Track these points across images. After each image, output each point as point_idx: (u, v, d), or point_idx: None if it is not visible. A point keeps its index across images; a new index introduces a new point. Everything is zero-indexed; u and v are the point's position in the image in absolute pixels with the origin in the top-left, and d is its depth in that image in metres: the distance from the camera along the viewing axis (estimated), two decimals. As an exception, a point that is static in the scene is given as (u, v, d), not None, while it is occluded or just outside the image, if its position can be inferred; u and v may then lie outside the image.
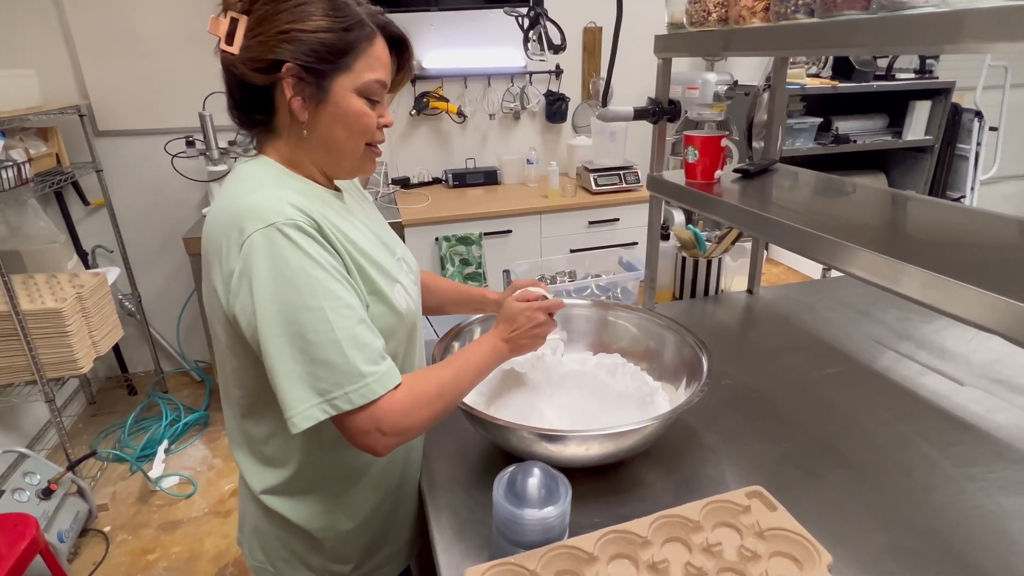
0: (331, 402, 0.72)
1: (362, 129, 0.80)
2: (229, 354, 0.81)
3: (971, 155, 3.27)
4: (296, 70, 0.74)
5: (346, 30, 0.75)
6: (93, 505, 2.12)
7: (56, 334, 2.01)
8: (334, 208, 0.83)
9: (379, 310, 0.82)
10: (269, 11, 0.74)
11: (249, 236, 0.71)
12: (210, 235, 0.76)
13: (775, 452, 1.01)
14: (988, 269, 0.76)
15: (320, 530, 0.89)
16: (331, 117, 0.78)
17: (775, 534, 0.73)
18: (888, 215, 1.08)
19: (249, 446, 0.88)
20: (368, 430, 0.74)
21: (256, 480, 0.88)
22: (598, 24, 3.07)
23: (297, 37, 0.73)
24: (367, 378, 0.73)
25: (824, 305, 1.55)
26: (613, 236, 2.84)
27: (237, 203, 0.74)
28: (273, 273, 0.70)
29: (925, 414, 1.10)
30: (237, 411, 0.86)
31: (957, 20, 0.63)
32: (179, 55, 2.63)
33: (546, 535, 0.73)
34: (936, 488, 0.91)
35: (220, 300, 0.75)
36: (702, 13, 1.06)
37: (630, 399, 1.04)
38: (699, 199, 1.21)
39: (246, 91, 0.78)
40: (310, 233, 0.73)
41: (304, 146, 0.81)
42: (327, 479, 0.89)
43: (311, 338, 0.71)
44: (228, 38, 0.75)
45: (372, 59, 0.78)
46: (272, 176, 0.80)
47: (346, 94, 0.77)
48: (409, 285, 0.90)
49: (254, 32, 0.74)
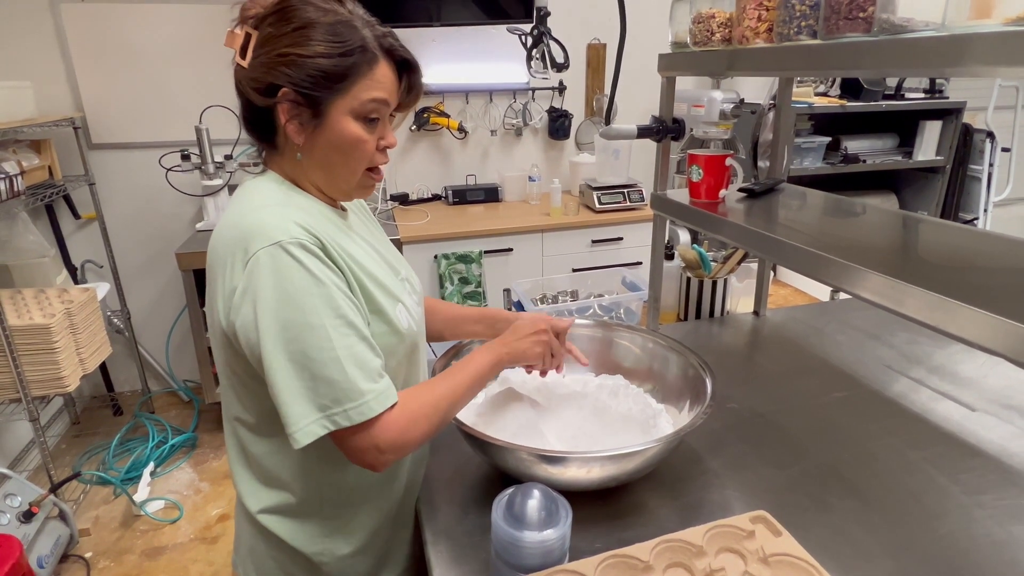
0: (331, 418, 0.72)
1: (359, 156, 0.81)
2: (229, 371, 0.82)
3: (983, 176, 3.25)
4: (292, 95, 0.75)
5: (344, 55, 0.75)
6: (75, 529, 2.08)
7: (43, 351, 1.97)
8: (338, 226, 0.84)
9: (380, 329, 0.82)
10: (273, 33, 0.75)
11: (254, 254, 0.72)
12: (215, 251, 0.77)
13: (781, 478, 0.99)
14: (996, 292, 0.75)
15: (317, 554, 0.88)
16: (327, 142, 0.79)
17: (780, 560, 0.71)
18: (897, 237, 1.07)
19: (247, 464, 0.87)
20: (365, 448, 0.75)
21: (253, 500, 0.87)
22: (602, 41, 3.09)
23: (294, 62, 0.74)
24: (366, 396, 0.73)
25: (832, 328, 1.53)
26: (617, 256, 2.83)
27: (243, 221, 0.75)
28: (277, 291, 0.71)
29: (935, 440, 1.08)
30: (237, 428, 0.86)
31: (957, 45, 0.63)
32: (175, 69, 2.66)
33: (546, 559, 0.71)
34: (946, 516, 0.89)
35: (220, 315, 0.76)
36: (706, 33, 1.07)
37: (632, 421, 1.02)
38: (703, 218, 1.20)
39: (250, 109, 0.80)
40: (314, 252, 0.74)
41: (302, 167, 0.82)
42: (325, 501, 0.88)
43: (313, 355, 0.71)
44: (242, 51, 0.76)
45: (372, 82, 0.78)
46: (278, 194, 0.80)
47: (342, 118, 0.77)
48: (412, 305, 0.90)
49: (257, 53, 0.76)
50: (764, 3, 0.94)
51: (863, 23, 0.77)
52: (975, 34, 0.63)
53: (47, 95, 2.54)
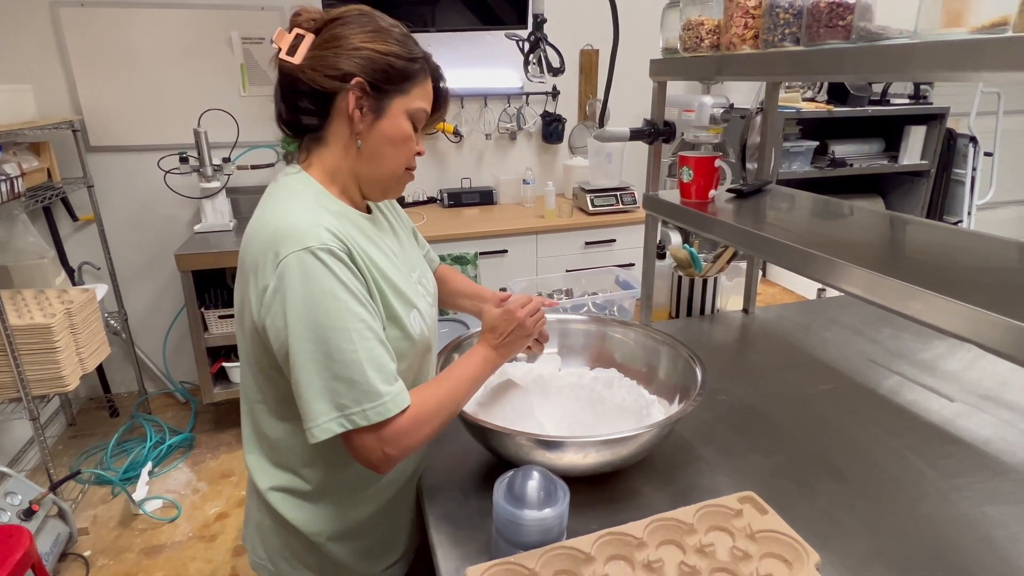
0: (349, 417, 0.76)
1: (407, 151, 0.88)
2: (253, 360, 0.86)
3: (967, 180, 3.33)
4: (363, 84, 0.81)
5: (411, 60, 0.84)
6: (74, 528, 2.09)
7: (44, 350, 1.99)
8: (365, 232, 0.88)
9: (394, 334, 0.86)
10: (344, 31, 0.82)
11: (285, 257, 0.76)
12: (249, 248, 0.81)
13: (769, 464, 1.03)
14: (974, 285, 0.79)
15: (317, 534, 0.92)
16: (383, 134, 0.85)
17: (766, 536, 0.76)
18: (879, 235, 1.12)
19: (260, 443, 0.92)
20: (374, 447, 0.79)
21: (263, 477, 0.91)
22: (595, 47, 3.15)
23: (370, 56, 0.82)
24: (383, 397, 0.77)
25: (819, 324, 1.58)
26: (610, 257, 2.87)
27: (276, 222, 0.79)
28: (305, 294, 0.75)
29: (916, 428, 1.12)
30: (255, 409, 0.90)
31: (928, 51, 0.68)
32: (173, 73, 2.69)
33: (544, 536, 0.75)
34: (924, 498, 0.94)
35: (252, 311, 0.80)
36: (695, 39, 1.11)
37: (627, 411, 1.06)
38: (694, 218, 1.25)
39: (307, 96, 0.83)
40: (341, 258, 0.78)
41: (351, 158, 0.86)
42: (330, 487, 0.92)
43: (336, 356, 0.76)
44: (291, 50, 0.82)
45: (425, 91, 0.87)
46: (310, 197, 0.84)
47: (399, 115, 0.85)
48: (425, 309, 0.95)
49: (327, 45, 0.82)
50: (750, 11, 0.99)
51: (843, 31, 0.82)
52: (945, 41, 0.68)
53: (47, 98, 2.57)
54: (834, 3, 0.83)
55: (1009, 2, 0.63)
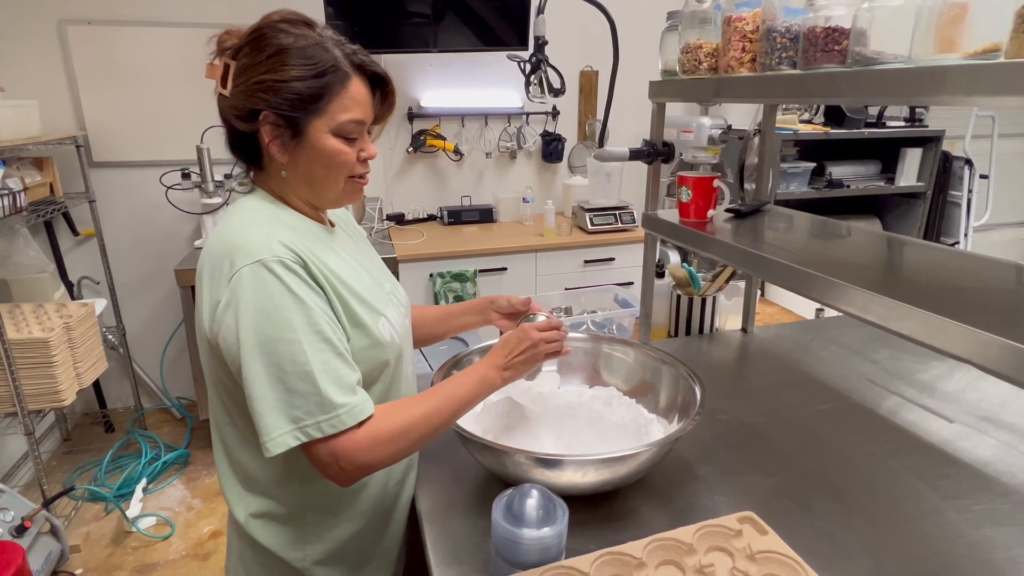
0: (303, 429, 0.75)
1: (339, 168, 0.85)
2: (215, 378, 0.85)
3: (963, 202, 3.35)
4: (272, 117, 0.80)
5: (317, 76, 0.79)
6: (66, 546, 2.07)
7: (41, 364, 1.99)
8: (323, 242, 0.88)
9: (362, 343, 0.85)
10: (248, 62, 0.80)
11: (238, 271, 0.76)
12: (204, 263, 0.81)
13: (768, 484, 1.03)
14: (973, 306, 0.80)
15: (301, 559, 0.90)
16: (308, 157, 0.84)
17: (766, 556, 0.75)
18: (877, 256, 1.13)
19: (232, 469, 0.90)
20: (328, 462, 0.78)
21: (240, 506, 0.90)
22: (594, 68, 3.19)
23: (272, 87, 0.79)
24: (339, 409, 0.76)
25: (817, 344, 1.58)
26: (609, 276, 2.88)
27: (230, 237, 0.79)
28: (256, 307, 0.75)
29: (915, 449, 1.12)
30: (223, 433, 0.89)
31: (922, 76, 0.69)
32: (177, 90, 2.71)
33: (543, 555, 0.75)
34: (924, 519, 0.93)
35: (205, 326, 0.80)
36: (694, 62, 1.13)
37: (626, 430, 1.06)
38: (693, 237, 1.26)
39: (234, 135, 0.85)
40: (295, 270, 0.78)
41: (287, 183, 0.87)
42: (308, 508, 0.90)
43: (288, 368, 0.75)
44: (223, 81, 0.81)
45: (347, 100, 0.82)
46: (266, 212, 0.85)
47: (321, 135, 0.82)
48: (396, 318, 0.93)
49: (236, 82, 0.81)
50: (748, 36, 1.01)
51: (838, 55, 0.84)
52: (938, 66, 0.69)
53: (52, 114, 2.59)
54: (830, 28, 0.84)
55: (1001, 29, 0.64)
